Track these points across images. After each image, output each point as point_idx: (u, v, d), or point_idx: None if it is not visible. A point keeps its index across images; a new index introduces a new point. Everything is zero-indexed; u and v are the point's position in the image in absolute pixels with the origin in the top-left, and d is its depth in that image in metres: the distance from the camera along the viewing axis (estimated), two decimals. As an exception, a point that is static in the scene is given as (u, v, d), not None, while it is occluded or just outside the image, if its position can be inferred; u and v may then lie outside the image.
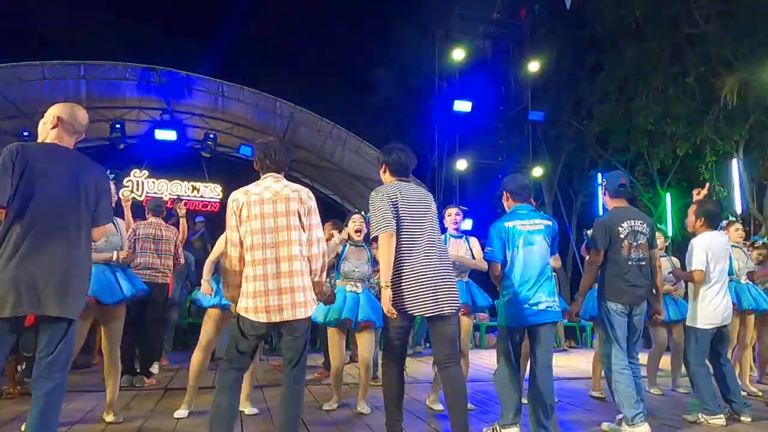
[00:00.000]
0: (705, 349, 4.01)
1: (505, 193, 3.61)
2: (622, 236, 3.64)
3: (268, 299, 2.59)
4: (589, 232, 4.79)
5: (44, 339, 2.44)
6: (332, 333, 4.17)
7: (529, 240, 3.37)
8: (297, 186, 2.82)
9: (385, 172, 3.19)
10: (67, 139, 2.63)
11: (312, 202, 2.80)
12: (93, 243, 2.70)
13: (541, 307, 3.29)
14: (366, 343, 4.15)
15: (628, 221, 3.68)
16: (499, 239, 3.41)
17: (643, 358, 4.02)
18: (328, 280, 5.52)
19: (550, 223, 3.49)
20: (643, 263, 3.67)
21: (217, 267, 3.67)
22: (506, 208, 3.61)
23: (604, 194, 3.90)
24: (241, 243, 2.70)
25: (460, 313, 3.64)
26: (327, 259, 2.88)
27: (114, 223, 3.83)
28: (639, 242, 3.67)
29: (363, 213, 4.38)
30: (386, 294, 2.87)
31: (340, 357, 4.20)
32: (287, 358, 2.74)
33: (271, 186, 2.77)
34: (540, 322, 3.30)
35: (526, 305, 3.28)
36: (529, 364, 3.49)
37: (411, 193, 3.06)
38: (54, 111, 2.64)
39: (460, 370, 2.94)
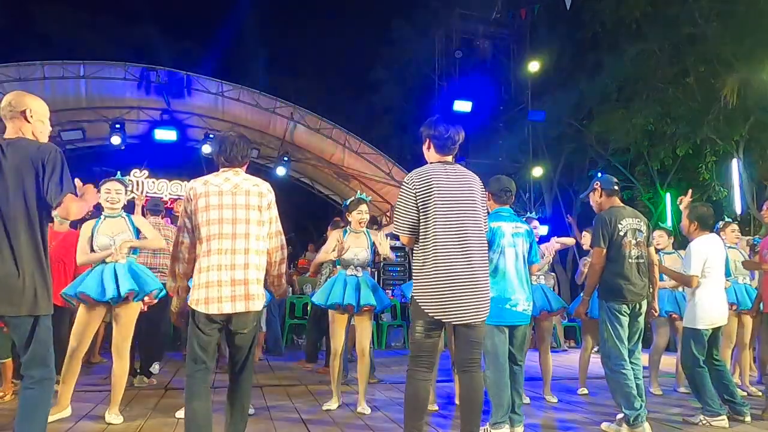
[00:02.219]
0: (702, 351, 4.01)
1: (487, 193, 3.64)
2: (622, 233, 3.65)
3: (221, 290, 2.52)
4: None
5: (16, 340, 2.41)
6: (333, 316, 4.18)
7: (512, 242, 3.47)
8: (258, 180, 2.77)
9: (429, 148, 2.91)
10: (12, 128, 2.51)
11: (272, 196, 2.75)
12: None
13: (519, 308, 3.41)
14: (364, 328, 4.17)
15: (627, 219, 3.70)
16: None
17: (643, 358, 4.01)
18: (323, 274, 5.58)
19: (528, 228, 3.63)
20: (642, 260, 3.69)
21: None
22: (489, 208, 3.66)
23: (600, 196, 3.88)
24: (194, 231, 2.63)
25: None
26: (286, 254, 2.81)
27: (127, 220, 3.86)
28: (638, 240, 3.69)
29: (368, 200, 4.44)
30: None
31: (340, 340, 4.19)
32: (235, 356, 2.70)
33: (231, 178, 2.71)
34: (516, 323, 3.45)
35: (507, 305, 3.38)
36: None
37: (450, 181, 2.79)
38: None
39: (479, 377, 2.80)
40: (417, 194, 2.74)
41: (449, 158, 2.92)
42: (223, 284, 2.53)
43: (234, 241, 2.58)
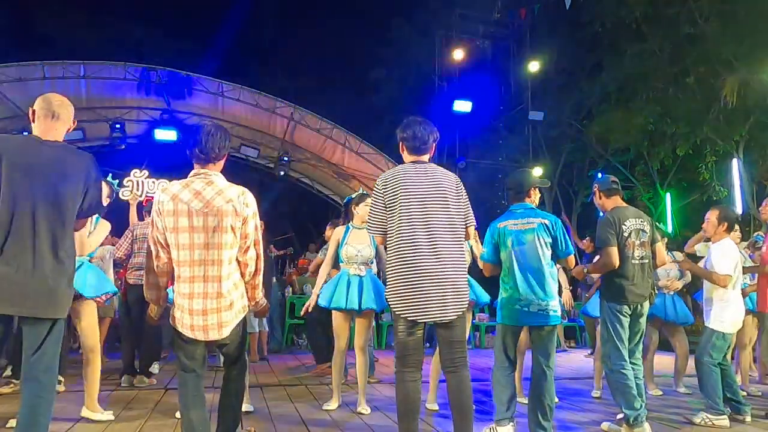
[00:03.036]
0: (723, 353, 4.03)
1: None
2: (626, 234, 3.62)
3: (192, 318, 2.43)
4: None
5: (28, 339, 2.38)
6: (336, 315, 4.17)
7: (520, 239, 3.33)
8: (232, 192, 2.50)
9: (403, 150, 2.95)
10: (49, 127, 2.50)
11: (249, 209, 2.52)
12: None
13: (533, 309, 3.25)
14: (363, 328, 4.17)
15: (630, 219, 3.66)
16: (492, 240, 3.43)
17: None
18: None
19: (547, 221, 3.37)
20: (646, 261, 3.66)
21: None
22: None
23: (600, 198, 3.85)
24: (168, 246, 2.47)
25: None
26: (261, 264, 2.66)
27: (93, 222, 3.77)
28: (642, 240, 3.65)
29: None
30: None
31: (344, 338, 4.18)
32: (225, 360, 2.75)
33: (201, 192, 2.45)
34: (532, 324, 3.30)
35: (518, 306, 3.28)
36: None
37: (419, 179, 2.79)
38: (32, 107, 2.56)
39: (465, 377, 2.76)
40: (385, 194, 2.79)
41: (423, 158, 2.92)
42: (195, 313, 2.43)
43: (205, 267, 2.44)
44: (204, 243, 2.43)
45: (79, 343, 3.86)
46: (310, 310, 4.24)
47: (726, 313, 4.00)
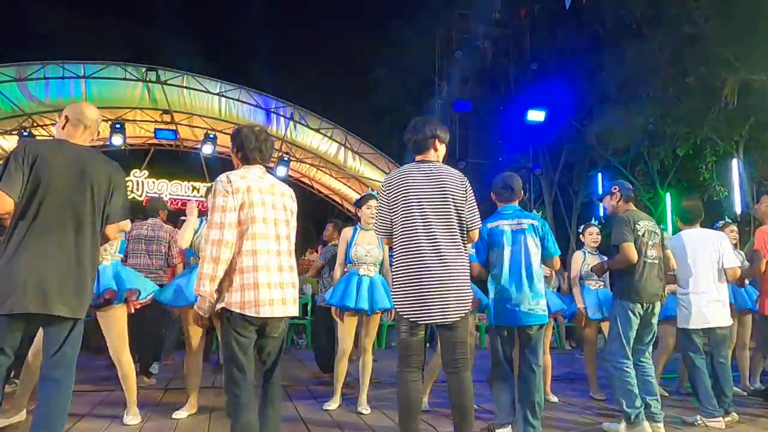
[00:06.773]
0: (696, 350, 4.00)
1: (492, 194, 3.60)
2: (640, 233, 3.70)
3: (270, 292, 2.38)
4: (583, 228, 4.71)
5: (48, 338, 2.38)
6: (345, 316, 4.14)
7: (513, 240, 3.36)
8: (284, 185, 2.70)
9: (410, 151, 3.00)
10: (77, 135, 2.59)
11: (295, 205, 2.66)
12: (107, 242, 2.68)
13: (524, 308, 3.26)
14: (371, 328, 4.17)
15: (643, 221, 3.75)
16: (482, 240, 3.37)
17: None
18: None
19: (536, 222, 3.43)
20: (657, 262, 3.72)
21: None
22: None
23: (617, 201, 3.88)
24: (238, 226, 2.42)
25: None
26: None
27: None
28: (654, 241, 3.74)
29: (376, 195, 4.38)
30: None
31: (349, 340, 4.15)
32: (267, 360, 2.57)
33: (264, 176, 2.58)
34: (523, 323, 3.28)
35: (509, 305, 3.28)
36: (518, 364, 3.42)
37: (419, 178, 2.79)
38: (63, 112, 2.64)
39: (468, 377, 2.74)
40: (389, 194, 2.82)
41: (428, 156, 2.91)
42: (273, 287, 2.40)
43: (278, 242, 2.48)
44: (274, 219, 2.50)
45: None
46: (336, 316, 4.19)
47: (687, 310, 4.00)
